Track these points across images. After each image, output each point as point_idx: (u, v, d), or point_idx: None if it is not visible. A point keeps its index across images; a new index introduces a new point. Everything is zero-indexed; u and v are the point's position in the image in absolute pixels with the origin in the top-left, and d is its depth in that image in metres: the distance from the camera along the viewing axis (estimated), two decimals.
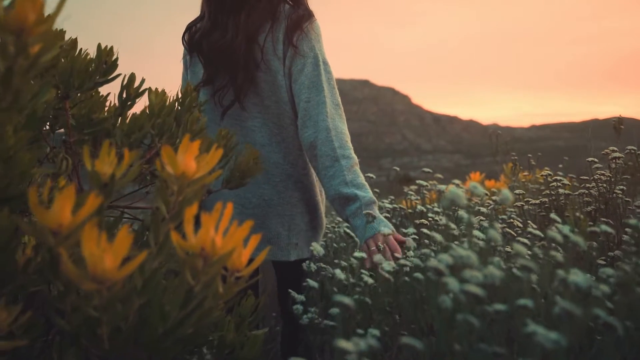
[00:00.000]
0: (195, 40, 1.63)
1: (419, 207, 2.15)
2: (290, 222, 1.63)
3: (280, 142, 1.62)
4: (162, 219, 0.81)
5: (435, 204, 2.49)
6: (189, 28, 1.68)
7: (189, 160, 0.80)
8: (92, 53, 1.16)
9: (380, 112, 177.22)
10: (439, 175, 3.00)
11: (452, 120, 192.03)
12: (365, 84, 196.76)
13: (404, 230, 2.15)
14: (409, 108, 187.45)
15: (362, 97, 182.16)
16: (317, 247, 1.27)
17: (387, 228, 1.44)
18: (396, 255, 1.37)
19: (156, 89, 1.17)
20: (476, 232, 0.88)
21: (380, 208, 2.43)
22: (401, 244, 1.44)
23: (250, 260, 0.79)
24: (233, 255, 0.74)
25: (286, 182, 1.62)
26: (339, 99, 1.60)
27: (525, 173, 2.48)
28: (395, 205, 2.34)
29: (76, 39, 1.16)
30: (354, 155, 1.53)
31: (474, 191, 0.74)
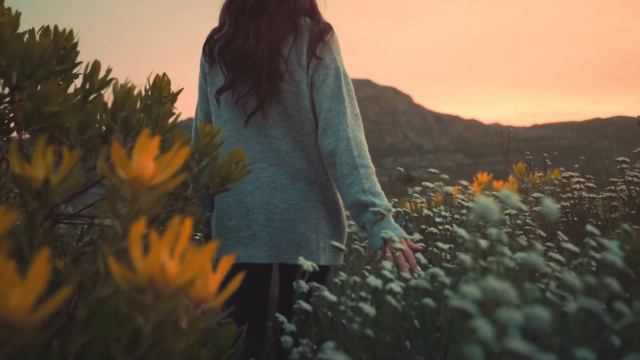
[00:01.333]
0: (218, 48, 1.66)
1: (424, 211, 1.99)
2: (317, 226, 1.66)
3: (303, 149, 1.67)
4: (113, 236, 0.65)
5: (442, 207, 2.32)
6: (209, 39, 1.71)
7: (146, 161, 0.63)
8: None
9: (382, 111, 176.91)
10: (445, 176, 2.84)
11: (454, 119, 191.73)
12: (367, 83, 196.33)
13: (408, 236, 1.99)
14: (411, 107, 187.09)
15: (364, 96, 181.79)
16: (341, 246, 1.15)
17: (403, 235, 1.50)
18: (408, 271, 1.40)
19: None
20: (504, 249, 0.72)
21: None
22: (415, 251, 1.49)
23: (225, 284, 0.63)
24: (196, 284, 0.58)
25: (311, 186, 1.67)
26: (358, 110, 1.66)
27: (540, 174, 2.31)
28: (399, 209, 2.17)
29: (48, 26, 1.00)
30: (372, 164, 1.59)
31: (506, 201, 0.57)
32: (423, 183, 2.02)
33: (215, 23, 1.76)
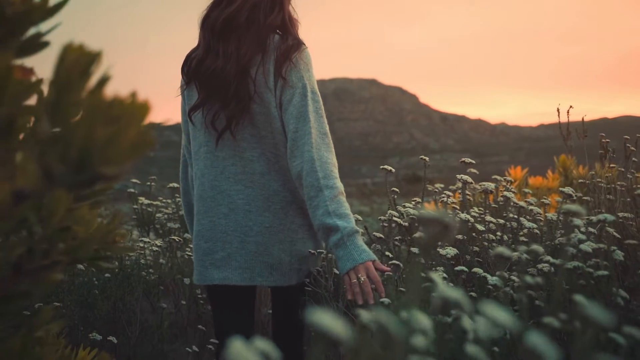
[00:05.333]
0: (192, 68, 1.67)
1: (462, 215, 1.45)
2: (291, 248, 1.65)
3: (279, 170, 1.66)
4: None
5: (477, 209, 1.77)
6: (187, 58, 1.72)
7: None
8: None
9: (387, 111, 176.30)
10: (474, 171, 2.29)
11: (460, 119, 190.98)
12: (373, 83, 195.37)
13: (440, 251, 1.45)
14: (417, 107, 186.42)
15: (370, 96, 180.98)
16: None
17: (369, 258, 1.48)
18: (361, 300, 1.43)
19: None
20: None
21: (402, 215, 1.73)
22: (383, 272, 1.49)
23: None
24: None
25: (286, 208, 1.65)
26: (327, 128, 1.63)
27: (612, 165, 1.76)
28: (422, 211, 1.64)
29: None
30: (338, 184, 1.55)
31: None
32: (459, 177, 1.48)
33: None
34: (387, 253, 1.56)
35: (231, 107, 1.59)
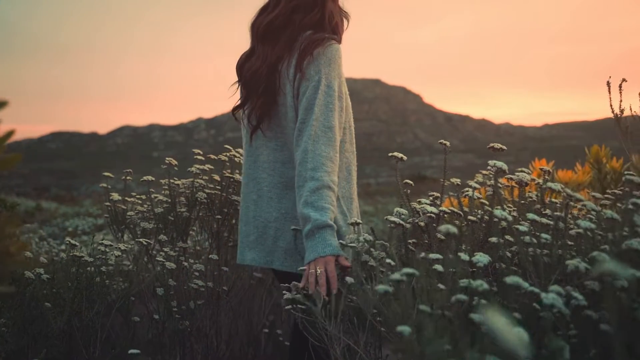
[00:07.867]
0: (238, 67, 1.80)
1: (497, 211, 1.13)
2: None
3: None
4: None
5: (506, 207, 1.45)
6: (240, 57, 1.81)
7: None
8: None
9: (391, 111, 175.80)
10: (501, 164, 1.98)
11: (464, 119, 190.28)
12: (377, 83, 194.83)
13: (462, 256, 1.13)
14: (421, 107, 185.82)
15: (374, 96, 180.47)
16: None
17: (333, 252, 1.50)
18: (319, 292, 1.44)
19: None
20: None
21: (418, 212, 1.42)
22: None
23: None
24: None
25: None
26: (334, 122, 1.62)
27: None
28: (443, 209, 1.32)
29: None
30: (326, 178, 1.55)
31: None
32: (491, 162, 1.18)
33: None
34: (388, 260, 1.26)
35: (259, 105, 1.68)
